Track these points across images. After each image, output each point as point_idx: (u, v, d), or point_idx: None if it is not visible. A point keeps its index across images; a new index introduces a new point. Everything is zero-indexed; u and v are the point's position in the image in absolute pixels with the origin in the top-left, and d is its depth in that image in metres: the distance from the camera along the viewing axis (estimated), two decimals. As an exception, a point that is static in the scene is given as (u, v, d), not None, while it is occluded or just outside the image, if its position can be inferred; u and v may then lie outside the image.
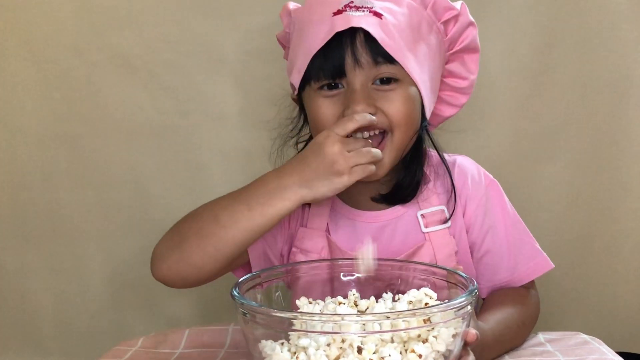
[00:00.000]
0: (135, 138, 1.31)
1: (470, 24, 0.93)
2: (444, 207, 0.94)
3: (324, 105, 0.87)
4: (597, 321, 1.30)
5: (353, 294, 0.81)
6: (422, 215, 0.94)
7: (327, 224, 0.96)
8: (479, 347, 0.75)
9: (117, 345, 0.91)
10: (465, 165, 0.98)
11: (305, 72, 0.88)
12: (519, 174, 1.28)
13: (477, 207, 0.95)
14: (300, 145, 0.99)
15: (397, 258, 0.92)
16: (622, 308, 1.30)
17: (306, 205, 0.95)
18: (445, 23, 0.91)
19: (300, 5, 0.96)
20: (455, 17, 0.91)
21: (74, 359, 1.27)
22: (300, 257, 0.95)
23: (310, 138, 0.96)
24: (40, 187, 1.32)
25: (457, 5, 0.92)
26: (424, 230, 0.93)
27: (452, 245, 0.94)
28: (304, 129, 1.00)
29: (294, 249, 0.96)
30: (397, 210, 0.95)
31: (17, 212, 1.33)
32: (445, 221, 0.94)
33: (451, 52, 0.94)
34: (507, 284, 0.95)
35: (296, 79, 0.90)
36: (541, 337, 0.91)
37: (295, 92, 0.94)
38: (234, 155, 1.32)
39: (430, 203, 0.95)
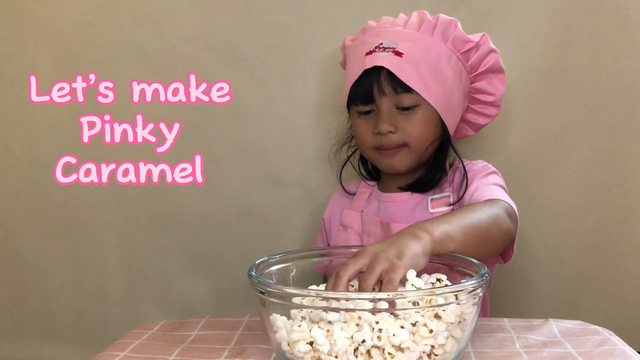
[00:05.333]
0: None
1: (491, 50, 1.09)
2: (449, 194, 1.09)
3: (361, 124, 1.10)
4: (607, 321, 1.29)
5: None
6: (431, 199, 1.11)
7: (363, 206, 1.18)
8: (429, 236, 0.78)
9: (135, 328, 0.93)
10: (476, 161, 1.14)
11: (347, 97, 1.09)
12: (531, 176, 1.29)
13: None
14: (351, 150, 1.22)
15: None
16: (634, 309, 1.30)
17: (351, 194, 1.21)
18: (465, 53, 1.07)
19: (352, 41, 1.15)
20: (476, 47, 1.07)
21: (90, 347, 1.29)
22: (341, 232, 1.17)
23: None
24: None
25: (477, 37, 1.07)
26: (431, 210, 1.09)
27: None
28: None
29: (339, 226, 1.19)
30: (414, 195, 1.13)
31: (36, 204, 1.36)
32: (449, 205, 1.08)
33: (474, 74, 1.10)
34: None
35: (344, 102, 1.12)
36: (554, 325, 0.91)
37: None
38: (249, 149, 1.34)
39: (441, 191, 1.11)
